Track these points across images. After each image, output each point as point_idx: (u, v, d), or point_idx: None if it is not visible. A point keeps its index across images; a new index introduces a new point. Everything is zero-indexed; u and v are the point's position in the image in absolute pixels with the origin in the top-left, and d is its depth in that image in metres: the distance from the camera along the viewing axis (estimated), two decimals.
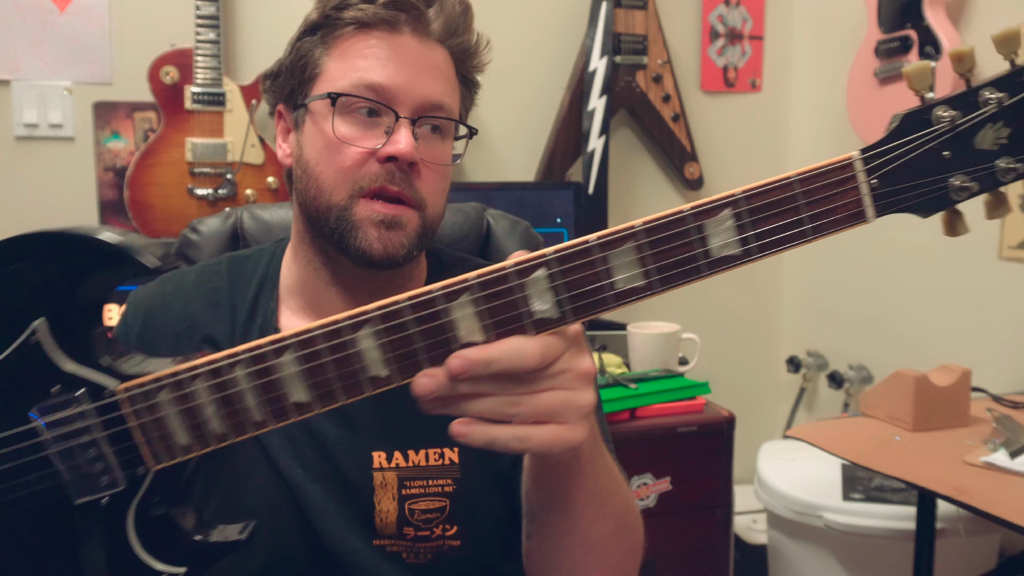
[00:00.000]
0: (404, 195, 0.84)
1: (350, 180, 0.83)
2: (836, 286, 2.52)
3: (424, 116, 0.85)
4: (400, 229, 0.84)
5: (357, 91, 0.83)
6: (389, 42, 0.84)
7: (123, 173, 2.08)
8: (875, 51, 2.13)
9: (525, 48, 2.38)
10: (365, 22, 0.84)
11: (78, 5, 2.06)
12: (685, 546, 1.81)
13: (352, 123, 0.84)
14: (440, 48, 0.87)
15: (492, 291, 0.62)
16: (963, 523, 1.75)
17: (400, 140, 0.82)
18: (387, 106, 0.83)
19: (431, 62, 0.86)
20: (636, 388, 1.75)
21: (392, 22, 0.84)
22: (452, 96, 0.88)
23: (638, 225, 0.63)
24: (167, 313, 0.94)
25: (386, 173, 0.83)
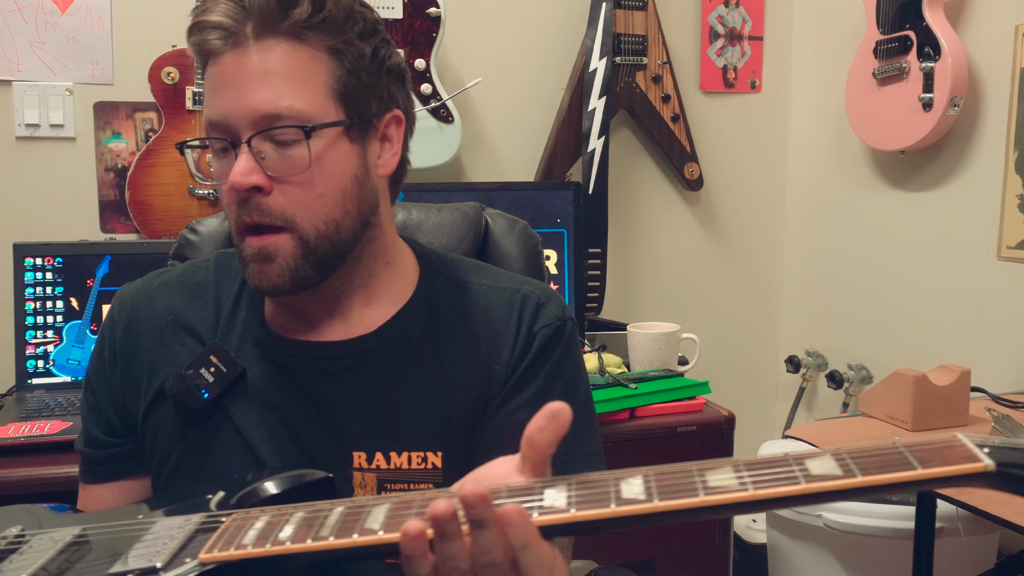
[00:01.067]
0: (258, 221, 0.82)
1: (232, 220, 0.85)
2: (836, 286, 2.52)
3: (259, 132, 0.80)
4: (272, 261, 0.83)
5: (205, 133, 0.84)
6: (215, 69, 0.82)
7: (124, 173, 2.08)
8: (874, 52, 2.13)
9: (525, 48, 2.38)
10: (200, 58, 0.84)
11: (79, 6, 2.06)
12: (685, 546, 1.81)
13: (218, 161, 0.85)
14: (270, 45, 0.80)
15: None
16: (962, 522, 1.75)
17: (234, 171, 0.80)
18: (224, 139, 0.82)
19: (254, 70, 0.80)
20: (636, 388, 1.75)
21: (214, 50, 0.82)
22: (296, 94, 0.80)
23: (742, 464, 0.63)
24: (152, 307, 0.95)
25: (239, 206, 0.82)
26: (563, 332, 0.94)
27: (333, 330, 0.91)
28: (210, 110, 0.82)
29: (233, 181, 0.80)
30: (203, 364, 0.89)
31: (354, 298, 0.92)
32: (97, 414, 0.96)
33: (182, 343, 0.93)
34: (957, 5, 2.05)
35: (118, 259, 1.89)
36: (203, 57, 0.83)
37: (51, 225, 2.06)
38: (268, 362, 0.91)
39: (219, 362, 0.89)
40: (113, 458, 0.95)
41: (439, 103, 2.11)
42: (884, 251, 2.34)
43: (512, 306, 0.94)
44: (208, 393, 0.88)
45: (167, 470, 0.92)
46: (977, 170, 2.06)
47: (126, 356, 0.94)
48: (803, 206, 2.64)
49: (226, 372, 0.89)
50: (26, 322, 1.83)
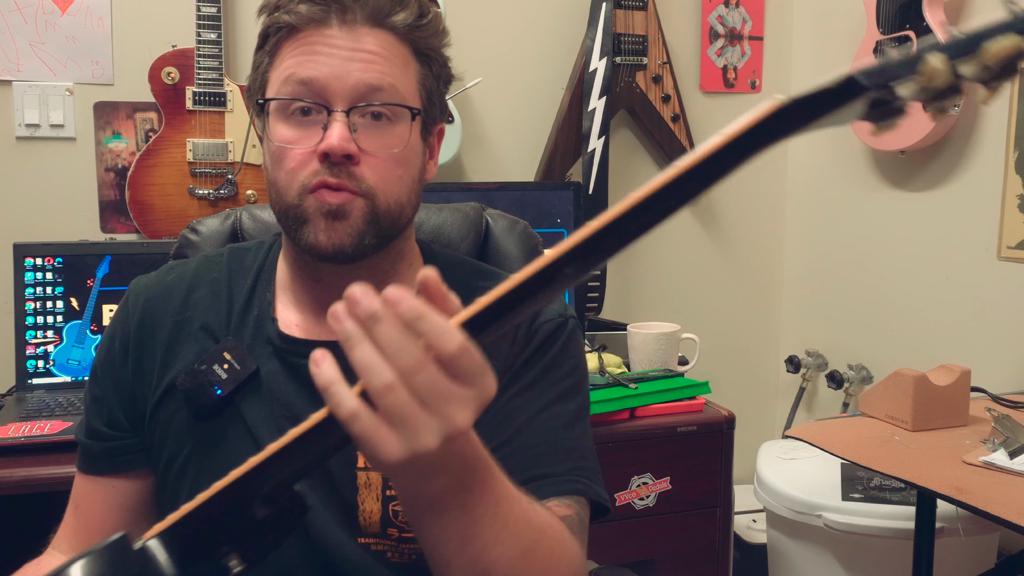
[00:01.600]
0: (345, 186, 0.83)
1: (296, 180, 0.84)
2: (836, 286, 2.52)
3: (359, 105, 0.83)
4: (345, 219, 0.83)
5: (288, 92, 0.84)
6: (317, 38, 0.84)
7: (124, 173, 2.08)
8: (875, 52, 2.13)
9: (525, 48, 2.38)
10: (293, 25, 0.84)
11: (79, 6, 2.06)
12: (685, 546, 1.81)
13: (292, 125, 0.85)
14: (376, 31, 0.85)
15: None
16: (962, 523, 1.75)
17: (332, 134, 0.82)
18: (317, 102, 0.83)
19: (363, 48, 0.84)
20: (636, 388, 1.75)
21: (319, 19, 0.84)
22: (396, 76, 0.85)
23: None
24: (167, 301, 0.95)
25: (325, 168, 0.83)
26: (564, 328, 0.95)
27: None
28: (303, 69, 0.83)
29: (330, 145, 0.81)
30: (216, 360, 0.89)
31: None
32: (100, 405, 0.95)
33: (195, 339, 0.93)
34: (957, 5, 2.05)
35: (118, 259, 1.89)
36: (302, 23, 0.84)
37: (51, 225, 2.06)
38: (279, 361, 0.91)
39: (233, 359, 0.89)
40: (111, 452, 0.95)
41: None
42: (884, 251, 2.34)
43: None
44: (221, 390, 0.88)
45: (176, 466, 0.92)
46: (977, 170, 2.06)
47: (139, 348, 0.94)
48: (803, 206, 2.64)
49: (240, 369, 0.89)
50: (26, 322, 1.83)
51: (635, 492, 1.76)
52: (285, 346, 0.91)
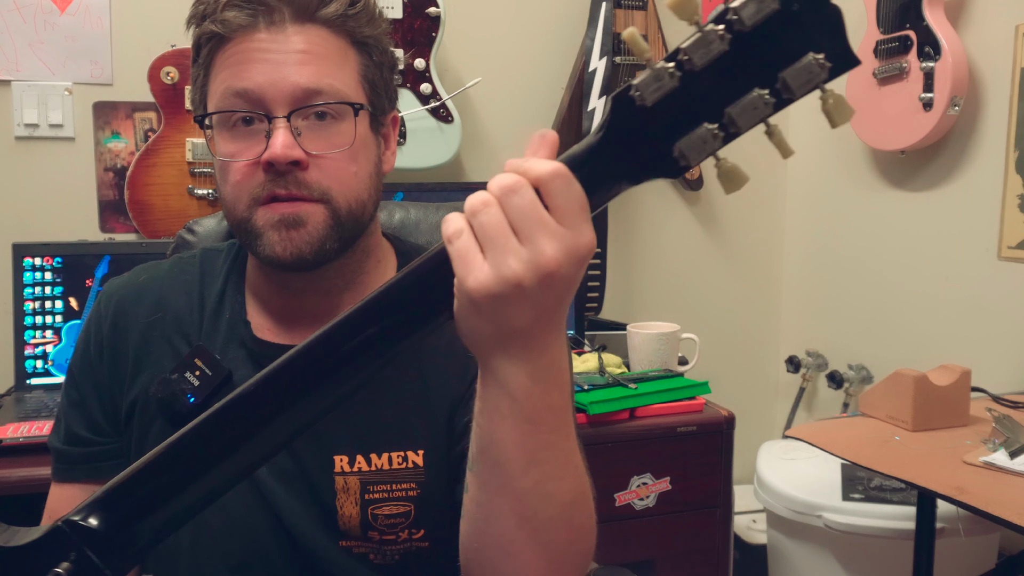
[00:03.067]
0: (295, 195, 0.81)
1: (244, 194, 0.82)
2: (836, 286, 2.52)
3: (300, 108, 0.81)
4: (301, 227, 0.81)
5: (227, 104, 0.81)
6: (247, 44, 0.81)
7: (123, 173, 2.08)
8: (874, 51, 2.13)
9: (525, 48, 2.38)
10: (221, 35, 0.82)
11: (78, 5, 2.06)
12: (685, 546, 1.81)
13: (235, 137, 0.82)
14: (307, 28, 0.82)
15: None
16: (963, 523, 1.75)
17: (275, 143, 0.79)
18: (256, 111, 0.81)
19: (294, 48, 0.81)
20: (636, 388, 1.75)
21: (246, 24, 0.81)
22: (334, 74, 0.82)
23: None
24: (139, 302, 0.94)
25: (270, 179, 0.81)
26: None
27: (315, 331, 0.91)
28: (239, 80, 0.81)
29: (274, 155, 0.79)
30: (188, 367, 0.88)
31: (346, 295, 0.91)
32: (81, 410, 0.93)
33: (168, 341, 0.92)
34: (957, 5, 2.05)
35: (117, 259, 1.88)
36: (230, 32, 0.82)
37: (50, 225, 2.06)
38: (253, 365, 0.90)
39: (204, 365, 0.88)
40: (93, 457, 0.93)
41: (439, 103, 2.11)
42: (884, 251, 2.34)
43: None
44: (194, 397, 0.87)
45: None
46: (977, 170, 2.06)
47: (113, 351, 0.93)
48: (803, 206, 2.64)
49: (211, 375, 0.88)
50: (25, 322, 1.83)
51: (635, 492, 1.75)
52: (259, 349, 0.90)
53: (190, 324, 0.92)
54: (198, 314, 0.93)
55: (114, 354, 0.93)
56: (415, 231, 1.22)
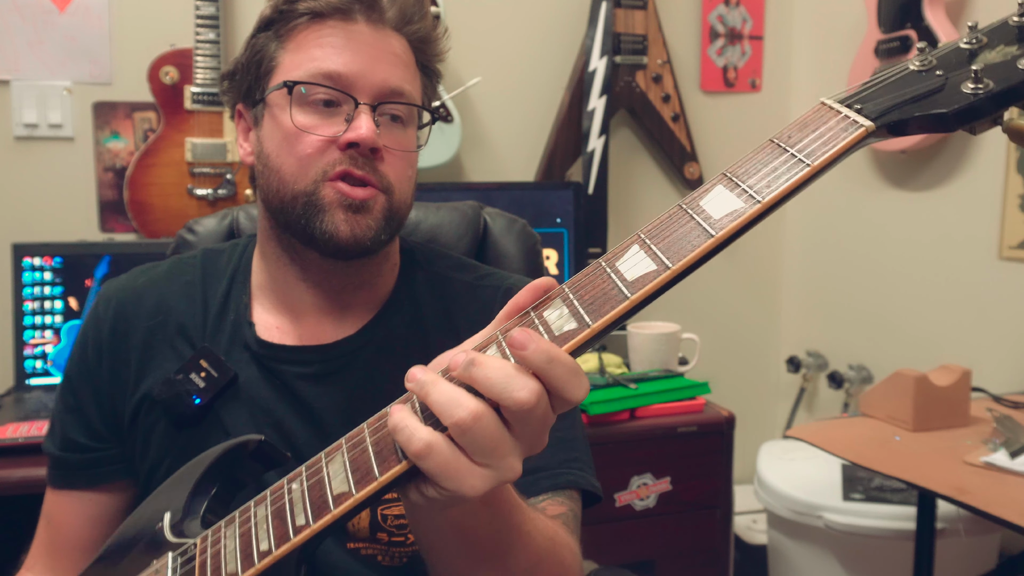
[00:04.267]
0: (369, 179, 0.83)
1: (312, 167, 0.82)
2: (836, 286, 2.52)
3: (384, 102, 0.84)
4: (367, 212, 0.83)
5: (314, 80, 0.83)
6: (344, 30, 0.84)
7: (123, 173, 2.08)
8: (875, 51, 2.13)
9: (525, 48, 2.38)
10: (319, 12, 0.84)
11: (78, 5, 2.06)
12: (685, 546, 1.81)
13: (310, 113, 0.83)
14: (396, 36, 0.87)
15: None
16: (963, 523, 1.74)
17: (361, 126, 0.81)
18: (346, 93, 0.83)
19: (388, 49, 0.85)
20: (636, 388, 1.75)
21: (346, 11, 0.84)
22: (412, 83, 0.87)
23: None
24: (140, 305, 0.93)
25: (348, 159, 0.82)
26: None
27: (324, 330, 0.90)
28: (334, 63, 0.83)
29: (361, 136, 0.81)
30: (193, 368, 0.88)
31: (360, 293, 0.91)
32: (78, 416, 0.92)
33: (171, 343, 0.91)
34: (958, 4, 2.05)
35: (117, 259, 1.88)
36: (330, 11, 0.84)
37: (50, 225, 2.05)
38: (258, 366, 0.89)
39: (209, 366, 0.88)
40: (92, 463, 0.92)
41: (439, 103, 2.11)
42: (885, 251, 2.34)
43: (496, 298, 0.93)
44: (199, 398, 0.87)
45: (159, 477, 0.89)
46: (978, 170, 2.06)
47: (113, 355, 0.91)
48: (803, 206, 2.63)
49: (217, 377, 0.87)
50: (25, 322, 1.83)
51: (635, 492, 1.75)
52: (263, 351, 0.89)
53: (193, 326, 0.92)
54: (201, 316, 0.92)
55: (115, 359, 0.91)
56: (416, 231, 1.22)
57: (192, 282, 0.95)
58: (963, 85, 0.54)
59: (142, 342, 0.91)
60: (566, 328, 0.56)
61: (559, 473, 0.86)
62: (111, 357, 0.92)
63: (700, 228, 0.59)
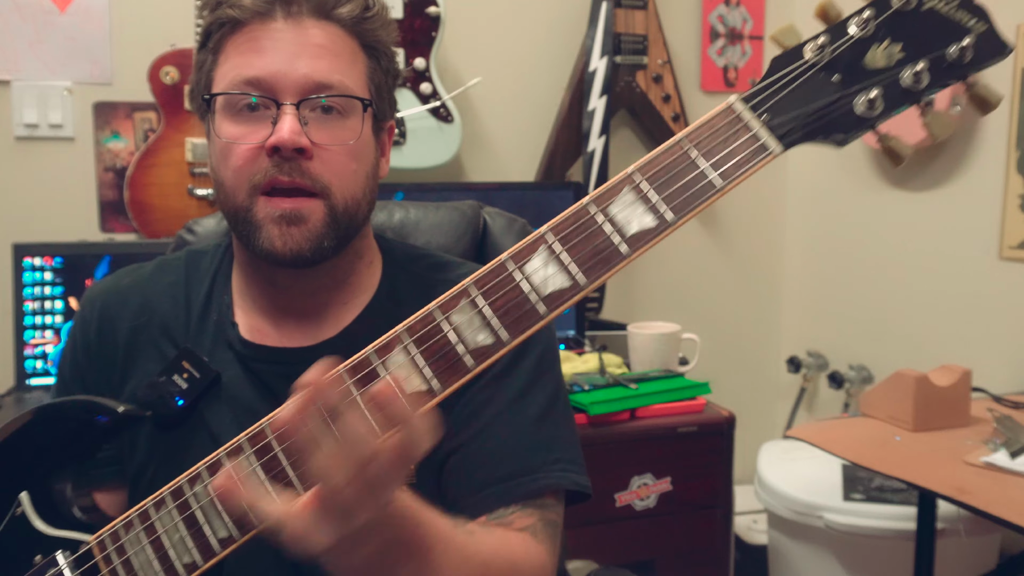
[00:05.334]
0: (298, 183, 0.80)
1: (245, 179, 0.81)
2: (836, 286, 2.52)
3: (309, 97, 0.81)
4: (302, 223, 0.81)
5: (234, 88, 0.81)
6: (262, 32, 0.82)
7: (123, 173, 2.08)
8: None
9: (525, 48, 2.38)
10: (237, 20, 0.82)
11: (78, 5, 2.06)
12: (685, 546, 1.80)
13: (240, 122, 0.82)
14: (323, 24, 0.83)
15: (421, 334, 0.61)
16: (963, 523, 1.74)
17: (282, 128, 0.79)
18: (266, 96, 0.81)
19: (310, 41, 0.82)
20: (636, 388, 1.75)
21: (264, 11, 0.82)
22: (345, 71, 0.83)
23: (543, 229, 0.60)
24: (124, 307, 0.93)
25: (274, 165, 0.80)
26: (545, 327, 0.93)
27: (305, 332, 0.90)
28: (250, 68, 0.81)
29: (281, 139, 0.79)
30: (175, 370, 0.87)
31: (334, 295, 0.90)
32: None
33: (155, 344, 0.91)
34: None
35: (117, 259, 1.88)
36: (246, 16, 0.82)
37: (50, 225, 2.05)
38: (241, 366, 0.89)
39: (191, 367, 0.87)
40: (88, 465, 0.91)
41: (439, 103, 2.11)
42: (885, 251, 2.34)
43: None
44: (182, 400, 0.87)
45: (146, 479, 0.89)
46: (978, 170, 2.06)
47: (101, 358, 0.92)
48: (804, 206, 2.63)
49: (199, 377, 0.87)
50: (25, 322, 1.83)
51: (635, 493, 1.75)
52: (246, 351, 0.89)
53: (176, 327, 0.92)
54: (184, 316, 0.92)
55: (102, 360, 0.92)
56: (415, 231, 1.22)
57: (176, 283, 0.94)
58: (856, 104, 0.60)
59: (127, 343, 0.92)
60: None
61: (536, 478, 0.84)
62: (99, 359, 0.92)
63: (611, 245, 0.59)
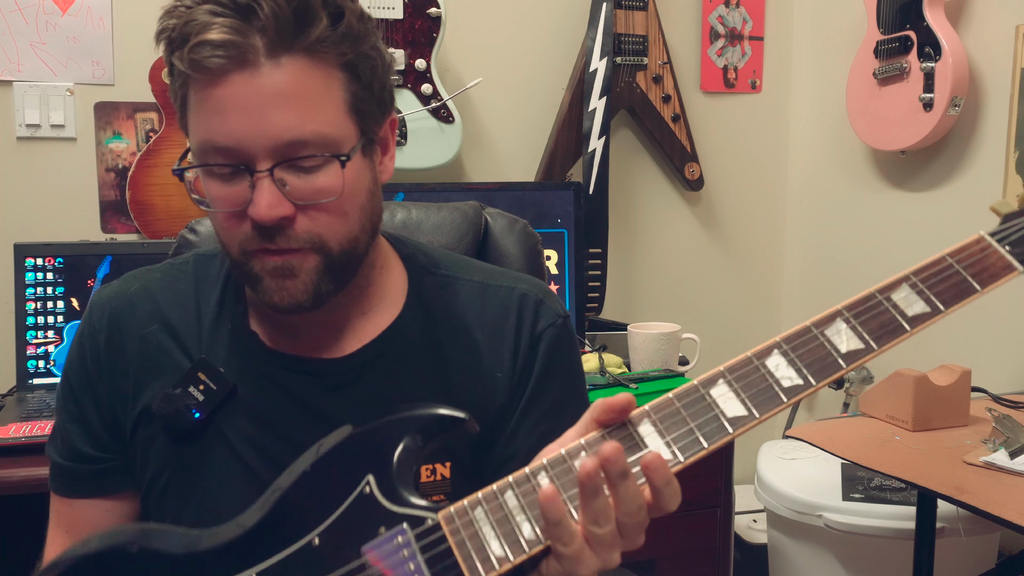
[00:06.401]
0: (286, 248, 0.78)
1: (235, 240, 0.80)
2: (836, 286, 2.52)
3: (283, 162, 0.76)
4: (295, 276, 0.79)
5: (207, 158, 0.77)
6: (220, 91, 0.74)
7: (125, 174, 2.09)
8: (875, 52, 2.13)
9: (525, 49, 2.38)
10: (192, 78, 0.76)
11: (80, 6, 2.07)
12: (685, 546, 1.81)
13: (220, 181, 0.79)
14: (285, 63, 0.74)
15: (740, 373, 0.70)
16: (963, 523, 1.75)
17: (259, 202, 0.75)
18: (237, 165, 0.76)
19: (272, 92, 0.74)
20: (636, 388, 1.75)
21: (214, 69, 0.73)
22: (318, 116, 0.76)
23: (840, 307, 0.76)
24: (133, 314, 0.90)
25: (260, 235, 0.78)
26: (567, 329, 0.93)
27: (327, 342, 0.88)
28: (215, 134, 0.75)
29: (259, 215, 0.76)
30: (191, 382, 0.85)
31: (352, 309, 0.89)
32: (83, 426, 0.90)
33: (167, 353, 0.89)
34: (958, 5, 2.05)
35: (119, 259, 1.89)
36: (198, 74, 0.75)
37: (52, 225, 2.06)
38: (260, 377, 0.87)
39: (208, 379, 0.85)
40: (100, 474, 0.91)
41: (439, 103, 2.11)
42: (885, 251, 2.34)
43: (510, 306, 0.92)
44: (199, 412, 0.85)
45: (157, 490, 0.88)
46: (978, 170, 2.06)
47: (111, 367, 0.89)
48: (804, 206, 2.64)
49: (216, 389, 0.85)
50: (27, 322, 1.84)
51: None
52: (268, 360, 0.88)
53: (188, 336, 0.89)
54: (195, 325, 0.90)
55: (112, 370, 0.89)
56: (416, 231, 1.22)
57: (185, 290, 0.92)
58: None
59: (138, 352, 0.89)
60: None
61: None
62: (109, 369, 0.89)
63: (897, 319, 0.76)
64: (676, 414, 0.68)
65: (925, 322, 0.73)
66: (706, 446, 0.68)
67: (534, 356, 0.90)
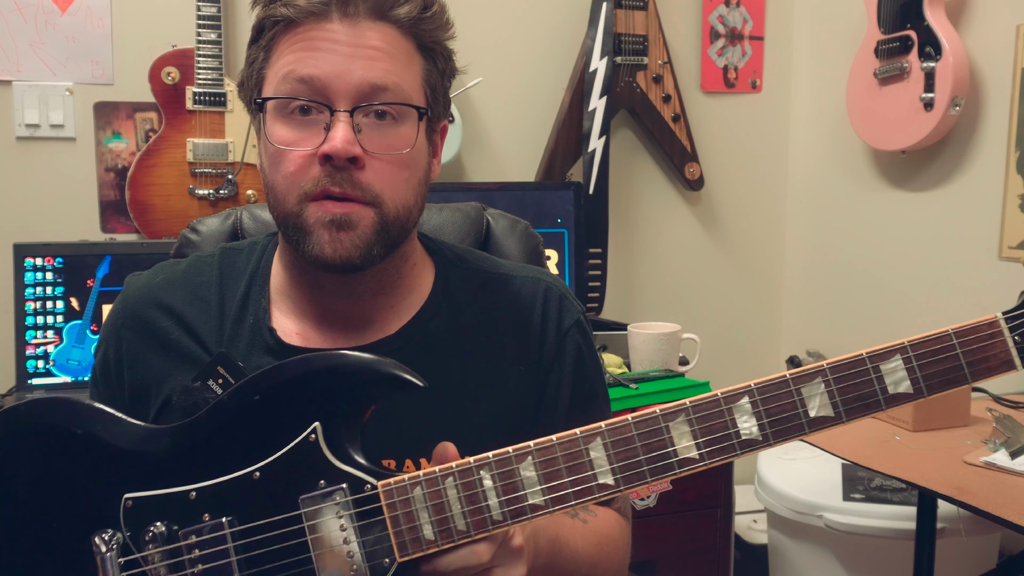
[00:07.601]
0: (349, 195, 0.79)
1: (296, 185, 0.81)
2: (837, 286, 2.52)
3: (363, 104, 0.80)
4: (351, 229, 0.80)
5: (287, 90, 0.80)
6: (316, 32, 0.80)
7: (124, 173, 2.08)
8: (875, 51, 2.13)
9: (525, 48, 2.38)
10: (291, 18, 0.80)
11: (79, 6, 2.06)
12: (685, 546, 1.81)
13: (291, 125, 0.81)
14: (380, 26, 0.81)
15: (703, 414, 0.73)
16: (963, 523, 1.75)
17: (335, 136, 0.78)
18: (318, 101, 0.79)
19: (366, 43, 0.80)
20: (637, 388, 1.75)
21: (319, 12, 0.80)
22: (401, 74, 0.82)
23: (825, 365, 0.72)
24: (154, 309, 0.91)
25: (326, 174, 0.79)
26: (587, 324, 0.97)
27: (350, 336, 0.89)
28: (304, 68, 0.79)
29: (334, 148, 0.78)
30: (210, 375, 0.85)
31: (380, 299, 0.90)
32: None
33: (186, 347, 0.89)
34: (958, 5, 2.05)
35: (118, 259, 1.89)
36: (300, 16, 0.80)
37: (51, 225, 2.06)
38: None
39: (227, 373, 0.85)
40: None
41: None
42: (885, 251, 2.34)
43: (535, 298, 0.94)
44: None
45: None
46: (978, 170, 2.06)
47: (133, 362, 0.90)
48: (804, 206, 2.64)
49: (234, 383, 0.84)
50: (26, 322, 1.83)
51: (635, 492, 1.76)
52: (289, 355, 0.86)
53: (208, 330, 0.90)
54: (217, 319, 0.91)
55: (134, 365, 0.90)
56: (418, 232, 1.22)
57: (207, 283, 0.93)
58: None
59: (159, 346, 0.90)
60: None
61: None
62: (132, 364, 0.91)
63: (877, 394, 0.77)
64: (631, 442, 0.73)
65: (903, 403, 0.75)
66: (648, 480, 0.72)
67: (562, 351, 0.93)
